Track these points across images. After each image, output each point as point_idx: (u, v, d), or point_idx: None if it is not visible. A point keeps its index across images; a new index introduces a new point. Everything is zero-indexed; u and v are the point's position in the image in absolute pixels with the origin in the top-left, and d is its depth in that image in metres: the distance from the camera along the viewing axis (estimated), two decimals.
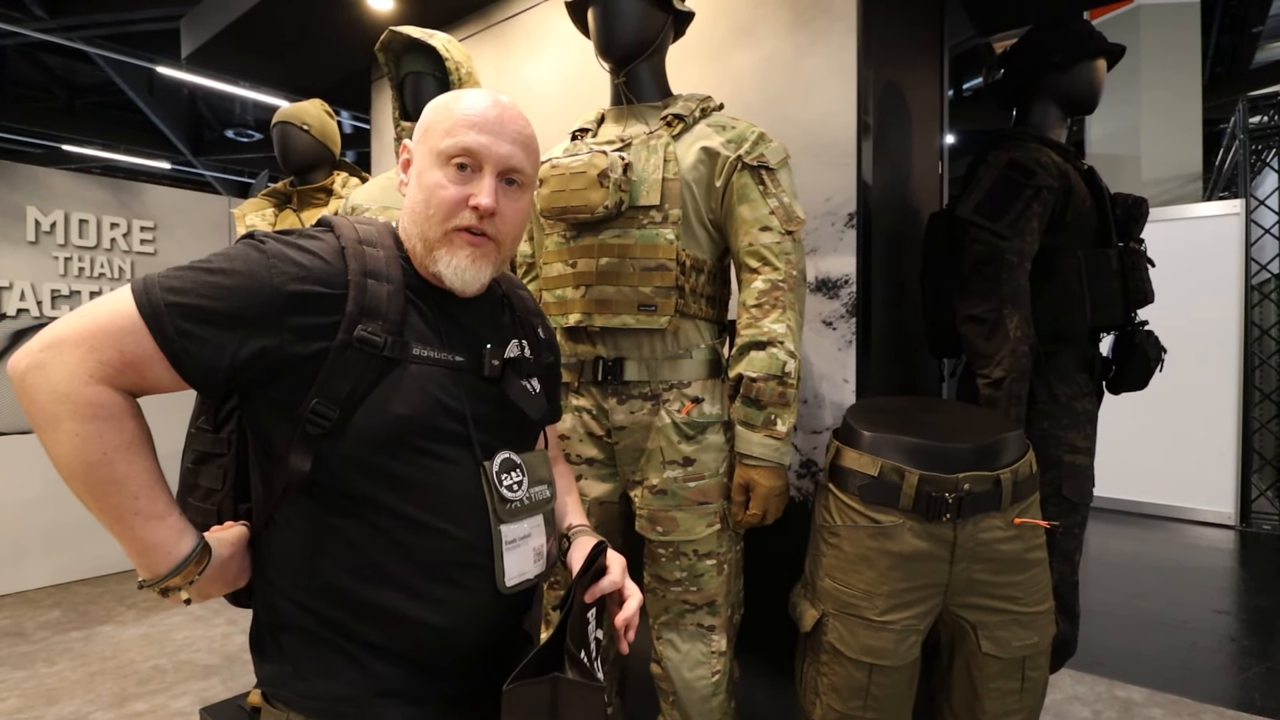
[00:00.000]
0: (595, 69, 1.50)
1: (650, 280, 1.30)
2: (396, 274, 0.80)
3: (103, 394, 0.68)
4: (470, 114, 0.81)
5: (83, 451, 0.67)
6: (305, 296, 0.73)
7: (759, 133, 1.34)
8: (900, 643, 1.17)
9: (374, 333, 0.75)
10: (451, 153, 0.80)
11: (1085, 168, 1.71)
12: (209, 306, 0.70)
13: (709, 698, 1.36)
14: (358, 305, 0.75)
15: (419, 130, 0.85)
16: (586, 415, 1.40)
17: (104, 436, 0.68)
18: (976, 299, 1.53)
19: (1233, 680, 2.54)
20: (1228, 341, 4.61)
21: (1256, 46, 6.73)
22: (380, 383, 0.75)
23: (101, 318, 0.68)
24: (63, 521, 3.56)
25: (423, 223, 0.81)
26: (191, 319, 0.69)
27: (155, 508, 0.71)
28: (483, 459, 0.81)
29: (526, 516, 0.85)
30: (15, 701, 2.36)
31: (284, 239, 0.77)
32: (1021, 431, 1.24)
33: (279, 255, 0.74)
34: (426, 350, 0.79)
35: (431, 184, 0.81)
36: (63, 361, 0.66)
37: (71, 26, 6.23)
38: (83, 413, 0.67)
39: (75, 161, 9.69)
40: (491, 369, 0.84)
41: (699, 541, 1.33)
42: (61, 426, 0.66)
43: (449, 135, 0.81)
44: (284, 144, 2.27)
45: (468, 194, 0.80)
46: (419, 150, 0.84)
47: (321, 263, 0.76)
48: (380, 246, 0.81)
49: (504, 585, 0.80)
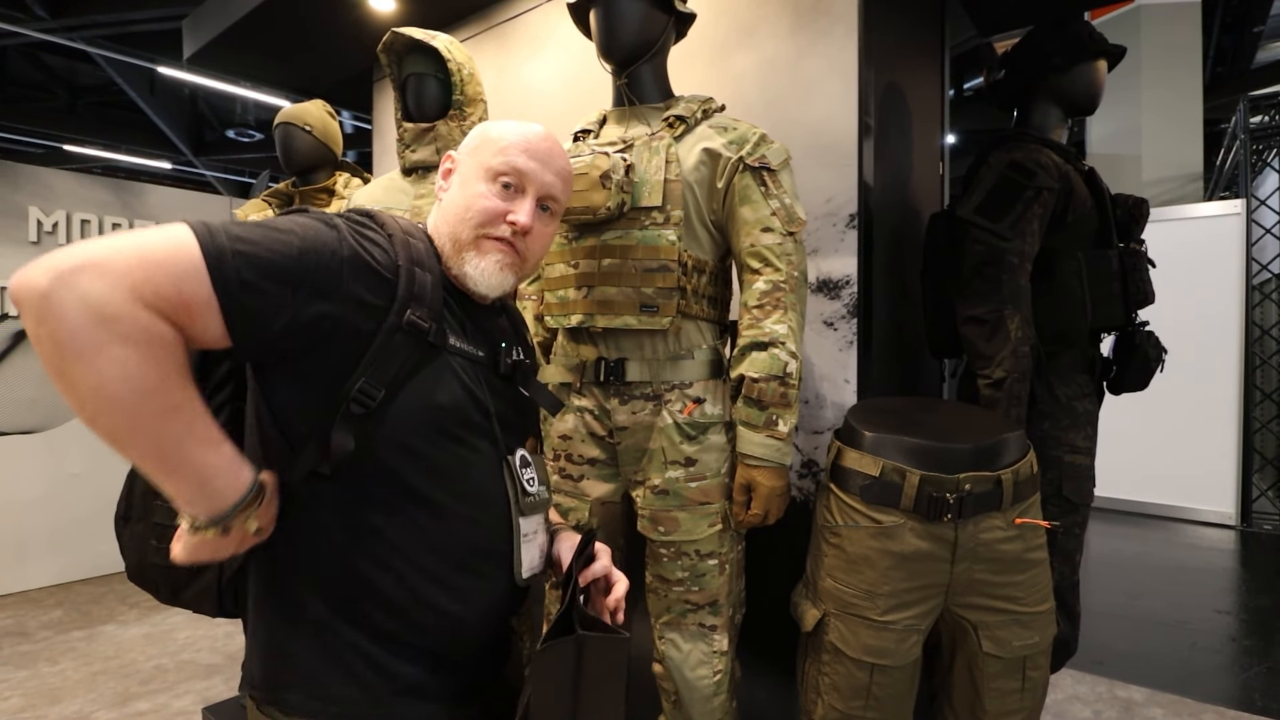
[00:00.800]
0: (597, 70, 1.51)
1: (652, 281, 1.31)
2: (435, 266, 0.83)
3: (157, 321, 0.60)
4: (526, 140, 0.88)
5: (137, 377, 0.58)
6: (369, 272, 0.74)
7: (760, 134, 1.34)
8: (901, 642, 1.17)
9: (422, 318, 0.76)
10: (501, 170, 0.86)
11: (1086, 168, 1.71)
12: (278, 262, 0.67)
13: (710, 697, 1.36)
14: (408, 290, 0.76)
15: (471, 145, 0.90)
16: (588, 416, 1.40)
17: (161, 361, 0.60)
18: (977, 300, 1.53)
19: (1233, 680, 2.54)
20: (1228, 342, 4.61)
21: (1257, 46, 6.73)
22: (421, 369, 0.77)
23: (156, 251, 0.61)
24: (65, 521, 3.57)
25: (457, 224, 0.85)
26: (258, 271, 0.65)
27: (213, 433, 0.66)
28: (506, 453, 0.85)
29: (537, 512, 0.89)
30: (18, 701, 2.36)
31: (345, 218, 0.79)
32: (1022, 432, 1.25)
33: (344, 229, 0.75)
34: (460, 342, 0.82)
35: (475, 193, 0.85)
36: (107, 284, 0.57)
37: (73, 27, 6.23)
38: (136, 336, 0.58)
39: (77, 162, 9.69)
40: (506, 366, 0.88)
41: (701, 541, 1.33)
42: (105, 351, 0.57)
43: (502, 154, 0.86)
44: (286, 144, 2.28)
45: (507, 210, 0.86)
46: (468, 162, 0.88)
47: (379, 246, 0.77)
48: (419, 239, 0.84)
49: (520, 577, 0.84)
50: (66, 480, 3.59)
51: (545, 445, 1.46)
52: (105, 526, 4.00)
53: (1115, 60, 1.73)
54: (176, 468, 0.64)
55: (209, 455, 0.66)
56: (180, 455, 0.64)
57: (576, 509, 1.40)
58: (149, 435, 0.62)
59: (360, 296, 0.73)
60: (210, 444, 0.66)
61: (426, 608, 0.77)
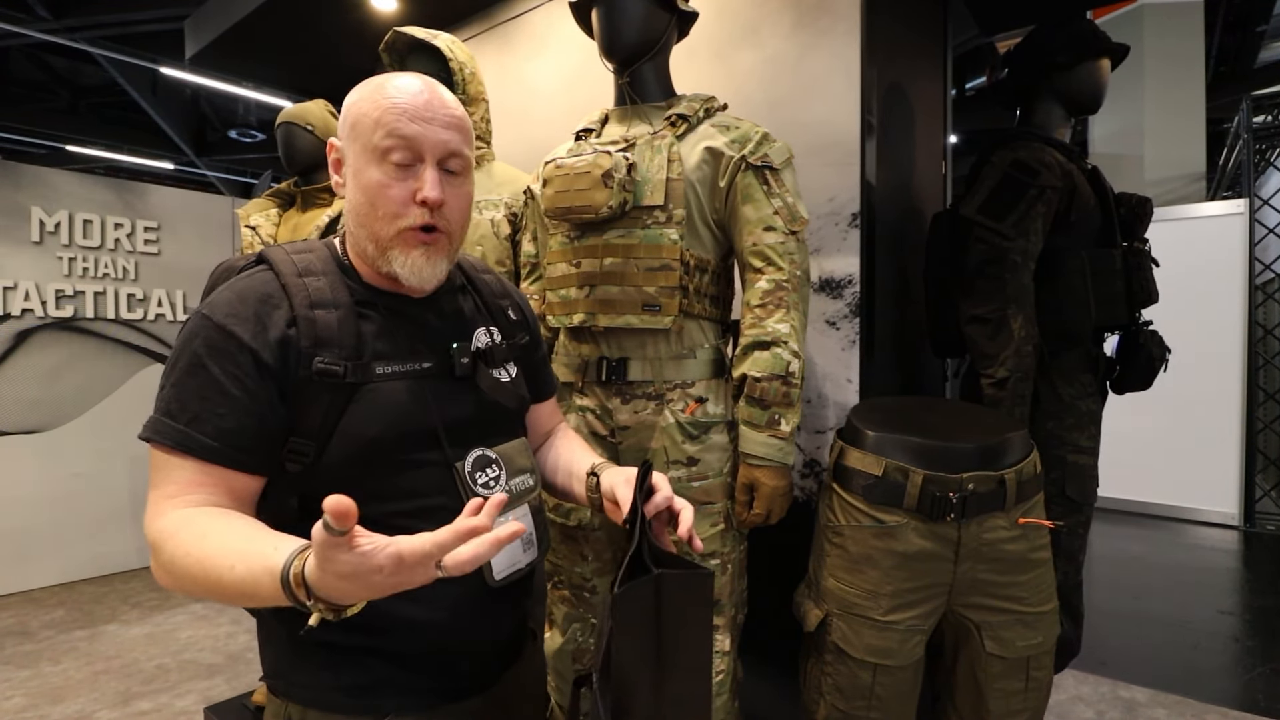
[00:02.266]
0: (599, 69, 1.50)
1: (654, 280, 1.30)
2: (344, 297, 0.78)
3: (167, 521, 0.69)
4: (399, 102, 0.77)
5: (186, 575, 0.67)
6: (274, 342, 0.73)
7: (763, 133, 1.34)
8: (904, 643, 1.17)
9: (332, 362, 0.74)
10: (388, 146, 0.76)
11: (1089, 167, 1.71)
12: (222, 408, 0.71)
13: (713, 697, 1.36)
14: (310, 338, 0.74)
15: (346, 124, 0.80)
16: (590, 415, 1.40)
17: (179, 549, 0.67)
18: (980, 299, 1.52)
19: (1236, 681, 2.53)
20: (1232, 341, 4.60)
21: (1260, 46, 6.70)
22: (349, 409, 0.75)
23: (150, 492, 0.72)
24: (67, 521, 3.57)
25: (371, 224, 0.78)
26: (213, 425, 0.71)
27: (250, 553, 0.65)
28: (454, 461, 0.80)
29: (510, 510, 0.84)
30: (20, 700, 2.37)
31: (226, 293, 0.76)
32: (1025, 431, 1.24)
33: (228, 316, 0.73)
34: (390, 366, 0.78)
35: (373, 184, 0.77)
36: (154, 562, 0.70)
37: (75, 27, 6.24)
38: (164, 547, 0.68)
39: (79, 162, 9.71)
40: (461, 368, 0.83)
41: (703, 541, 1.33)
42: (181, 582, 0.68)
43: (380, 126, 0.76)
44: (288, 144, 2.28)
45: (412, 189, 0.77)
46: (352, 148, 0.79)
47: (266, 306, 0.75)
48: (320, 274, 0.79)
49: (493, 579, 0.82)
50: (69, 480, 3.59)
51: None
52: (107, 526, 4.01)
53: (1118, 59, 1.73)
54: (249, 594, 0.64)
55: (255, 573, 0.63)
56: (250, 586, 0.63)
57: (578, 509, 1.40)
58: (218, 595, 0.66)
59: (277, 368, 0.73)
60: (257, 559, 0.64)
61: (393, 619, 0.76)
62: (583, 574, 1.44)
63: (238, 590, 0.63)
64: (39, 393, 3.51)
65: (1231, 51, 7.01)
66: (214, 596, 0.67)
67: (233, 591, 0.64)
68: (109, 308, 3.71)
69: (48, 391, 3.54)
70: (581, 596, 1.46)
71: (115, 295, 3.73)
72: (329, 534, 0.53)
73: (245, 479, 0.73)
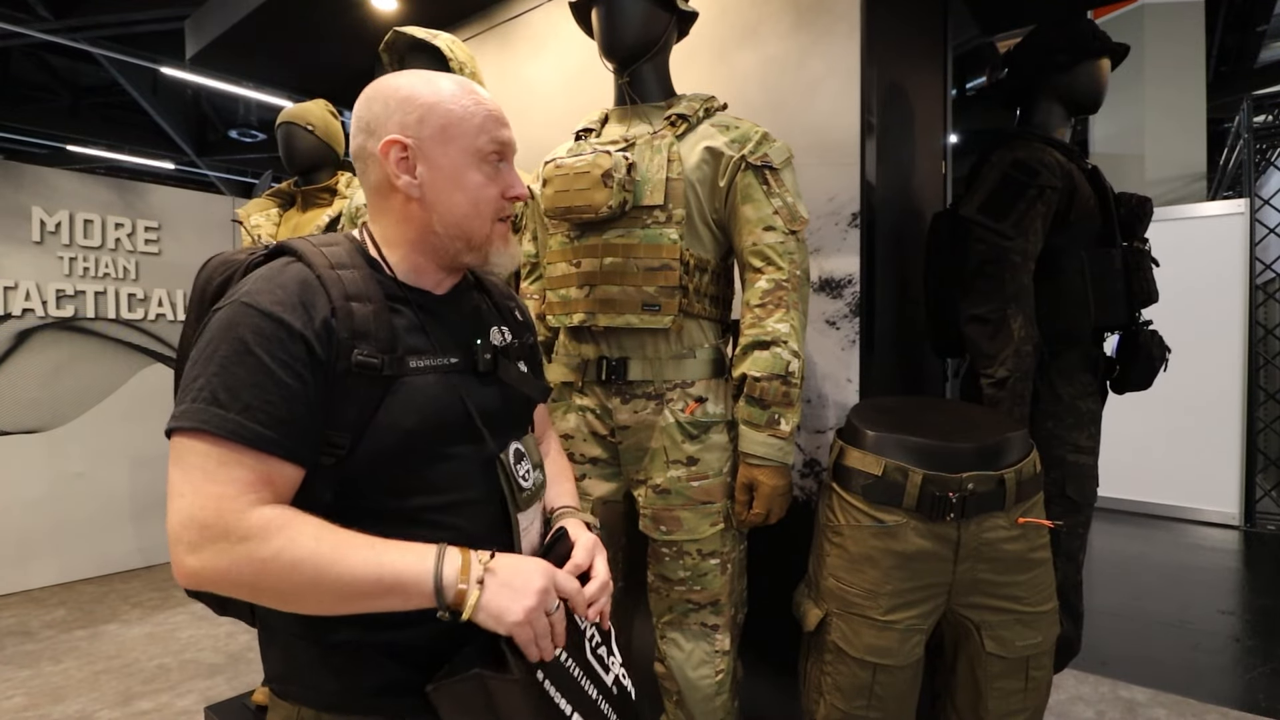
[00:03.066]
0: (599, 69, 1.50)
1: (654, 280, 1.31)
2: (376, 291, 0.78)
3: (263, 513, 0.66)
4: (494, 109, 0.84)
5: (295, 568, 0.65)
6: (321, 331, 0.72)
7: (762, 133, 1.34)
8: (904, 642, 1.17)
9: (370, 355, 0.74)
10: (490, 150, 0.83)
11: (1089, 167, 1.71)
12: (274, 396, 0.69)
13: (712, 697, 1.36)
14: (348, 330, 0.74)
15: (431, 125, 0.80)
16: (590, 415, 1.40)
17: (295, 541, 0.66)
18: (980, 299, 1.52)
19: (1237, 681, 2.53)
20: (1232, 341, 4.60)
21: (1261, 45, 6.70)
22: (385, 402, 0.75)
23: (194, 481, 0.66)
24: (68, 520, 3.58)
25: (470, 223, 0.83)
26: (268, 414, 0.68)
27: (383, 544, 0.69)
28: (498, 451, 0.82)
29: (534, 503, 0.88)
30: (21, 700, 2.37)
31: (262, 283, 0.74)
32: (1025, 431, 1.24)
33: (276, 304, 0.71)
34: (423, 360, 0.79)
35: (475, 185, 0.82)
36: (205, 553, 0.65)
37: (76, 27, 6.24)
38: (258, 548, 0.65)
39: (80, 162, 9.71)
40: (485, 363, 0.85)
41: (703, 541, 1.33)
42: (265, 577, 0.66)
43: (484, 132, 0.82)
44: (288, 144, 2.28)
45: (505, 188, 0.85)
46: (444, 150, 0.80)
47: (308, 294, 0.74)
48: (352, 267, 0.79)
49: None
50: (69, 480, 3.59)
51: None
52: (108, 526, 4.01)
53: (1119, 59, 1.72)
54: (384, 594, 0.67)
55: (398, 564, 0.68)
56: (380, 584, 0.67)
57: None
58: (348, 600, 0.68)
59: (321, 357, 0.72)
60: (396, 553, 0.68)
61: (404, 617, 0.74)
62: None
63: (374, 580, 0.66)
64: (39, 392, 3.51)
65: (1232, 51, 7.01)
66: (328, 589, 0.66)
67: (367, 582, 0.66)
68: (109, 307, 3.72)
69: (48, 391, 3.54)
70: None
71: (116, 295, 3.73)
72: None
73: (293, 471, 0.71)
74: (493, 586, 0.70)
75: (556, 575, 0.75)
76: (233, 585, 0.66)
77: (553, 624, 0.72)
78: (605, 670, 0.83)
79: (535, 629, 0.70)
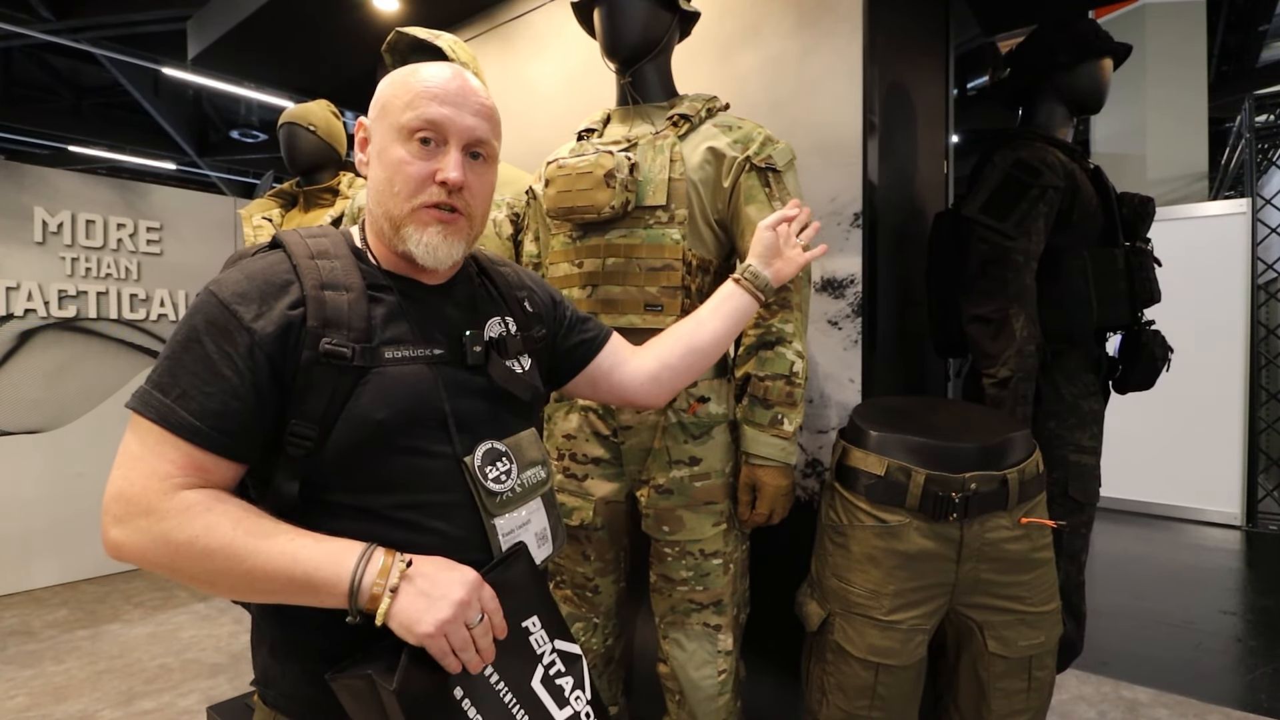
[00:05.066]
0: (601, 69, 1.50)
1: (656, 280, 1.31)
2: (356, 280, 0.77)
3: (185, 497, 0.67)
4: (431, 86, 0.78)
5: (209, 556, 0.66)
6: (275, 325, 0.72)
7: (766, 134, 1.34)
8: (906, 642, 1.17)
9: (340, 344, 0.72)
10: (414, 126, 0.77)
11: (1092, 167, 1.71)
12: (210, 387, 0.69)
13: (715, 697, 1.36)
14: (319, 319, 0.72)
15: (376, 105, 0.82)
16: (593, 415, 1.40)
17: (211, 529, 0.66)
18: (982, 298, 1.52)
19: (1239, 681, 2.53)
20: (1234, 341, 4.59)
21: (1262, 45, 6.70)
22: (355, 392, 0.73)
23: (129, 459, 0.68)
24: (69, 521, 3.58)
25: (388, 201, 0.79)
26: (199, 404, 0.69)
27: (306, 539, 0.69)
28: (462, 455, 0.79)
29: (522, 504, 0.83)
30: (23, 700, 2.37)
31: (235, 272, 0.75)
32: (1028, 431, 1.24)
33: (234, 295, 0.72)
34: (401, 350, 0.77)
35: (395, 160, 0.78)
36: (127, 527, 0.67)
37: (77, 28, 6.24)
38: (177, 531, 0.66)
39: (81, 162, 9.72)
40: (474, 356, 0.82)
41: (705, 541, 1.33)
42: (181, 560, 0.66)
43: (410, 108, 0.78)
44: (290, 145, 2.28)
45: (433, 169, 0.78)
46: (379, 126, 0.81)
47: (273, 286, 0.74)
48: (334, 257, 0.78)
49: None
50: (71, 480, 3.60)
51: (549, 445, 1.45)
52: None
53: (1121, 58, 1.72)
54: (293, 585, 0.67)
55: (310, 557, 0.68)
56: (290, 574, 0.67)
57: (581, 508, 1.40)
58: (257, 585, 0.68)
59: (277, 351, 0.71)
60: (305, 543, 0.68)
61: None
62: (585, 574, 1.45)
63: (285, 578, 0.66)
64: (41, 393, 3.52)
65: (1234, 51, 7.00)
66: (240, 577, 0.66)
67: (279, 578, 0.66)
68: (111, 308, 3.72)
69: (50, 391, 3.54)
70: (584, 596, 1.46)
71: (118, 295, 3.74)
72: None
73: (224, 465, 0.71)
74: (407, 594, 0.67)
75: (484, 589, 0.71)
76: (152, 563, 0.67)
77: (475, 638, 0.68)
78: (560, 704, 0.77)
79: (452, 641, 0.67)
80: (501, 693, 0.72)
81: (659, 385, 1.07)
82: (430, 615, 0.66)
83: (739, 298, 1.13)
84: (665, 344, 1.09)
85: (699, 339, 1.09)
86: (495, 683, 0.72)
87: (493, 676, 0.72)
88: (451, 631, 0.67)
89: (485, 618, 0.70)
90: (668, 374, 1.07)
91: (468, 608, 0.68)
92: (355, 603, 0.66)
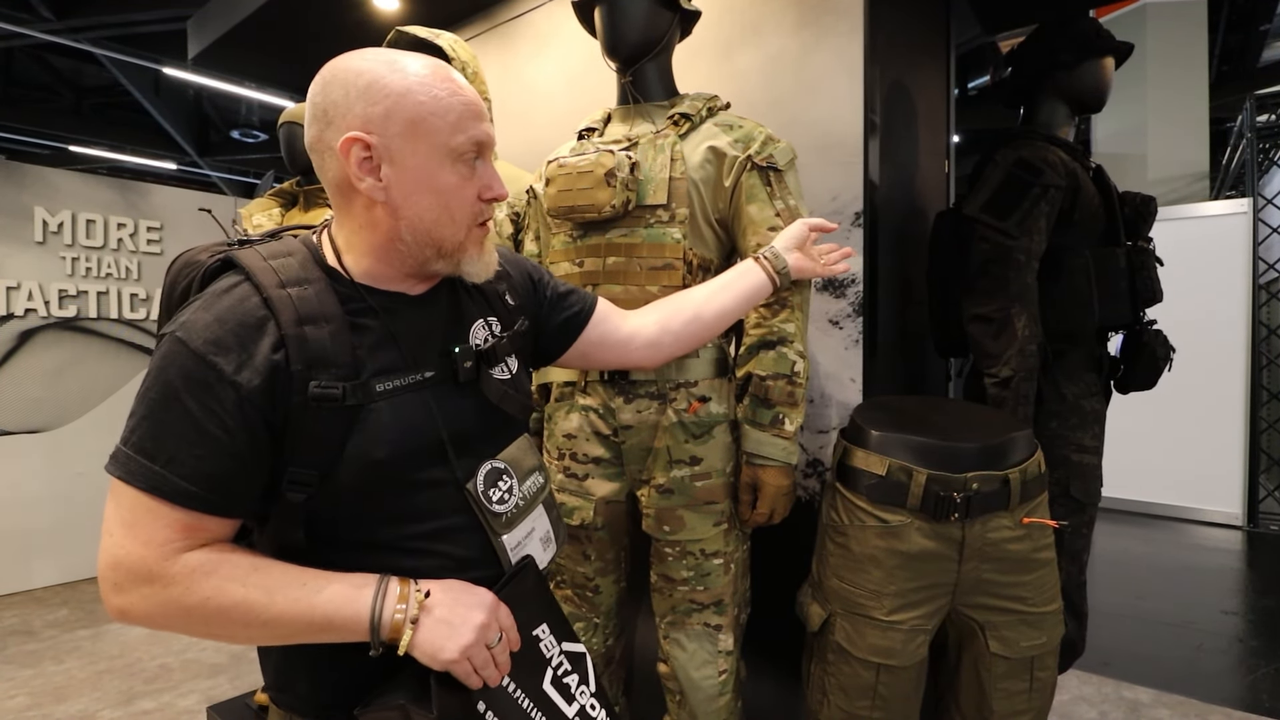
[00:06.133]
0: (601, 68, 1.50)
1: (657, 279, 1.30)
2: (334, 308, 0.71)
3: (187, 561, 0.66)
4: (470, 102, 0.74)
5: (224, 614, 0.66)
6: (260, 376, 0.67)
7: (767, 133, 1.34)
8: (908, 642, 1.17)
9: (328, 385, 0.68)
10: (465, 149, 0.74)
11: (1093, 166, 1.70)
12: (200, 450, 0.66)
13: (715, 697, 1.36)
14: (302, 361, 0.68)
15: (397, 120, 0.71)
16: (593, 414, 1.39)
17: (222, 589, 0.66)
18: (984, 298, 1.52)
19: (1240, 681, 2.52)
20: (1235, 341, 4.59)
21: (1264, 44, 6.69)
22: (352, 432, 0.70)
23: (121, 526, 0.66)
24: (70, 520, 3.58)
25: (444, 228, 0.75)
26: (191, 468, 0.66)
27: (319, 581, 0.68)
28: (464, 480, 0.77)
29: (525, 516, 0.83)
30: (23, 699, 2.37)
31: (202, 313, 0.68)
32: (1029, 431, 1.24)
33: (208, 344, 0.66)
34: (392, 380, 0.73)
35: (449, 186, 0.74)
36: (130, 595, 0.65)
37: (78, 28, 6.25)
38: (187, 594, 0.65)
39: (82, 162, 9.73)
40: (466, 373, 0.79)
41: (706, 541, 1.33)
42: (194, 621, 0.66)
43: (459, 130, 0.73)
44: (290, 144, 2.28)
45: (482, 189, 0.77)
46: (414, 147, 0.71)
47: (247, 328, 0.68)
48: (305, 282, 0.71)
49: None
50: (71, 480, 3.60)
51: (549, 444, 1.45)
52: None
53: (1122, 57, 1.72)
54: (312, 626, 0.67)
55: (326, 604, 0.67)
56: (309, 619, 0.67)
57: (581, 508, 1.40)
58: (277, 632, 0.68)
59: (263, 404, 0.68)
60: (321, 590, 0.68)
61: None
62: (585, 574, 1.44)
63: (305, 623, 0.67)
64: (42, 392, 3.52)
65: (1235, 50, 7.00)
66: (259, 629, 0.67)
67: (299, 624, 0.67)
68: (112, 308, 3.72)
69: (51, 391, 3.55)
70: (584, 596, 1.46)
71: (118, 295, 3.74)
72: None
73: (221, 521, 0.69)
74: (427, 625, 0.68)
75: (500, 609, 0.73)
76: (163, 626, 0.66)
77: (494, 655, 0.71)
78: (568, 700, 0.81)
79: (474, 662, 0.69)
80: (519, 699, 0.75)
81: (657, 350, 1.07)
82: (454, 642, 0.68)
83: (755, 275, 1.14)
84: (671, 308, 1.08)
85: (706, 311, 1.09)
86: (512, 691, 0.75)
87: (510, 685, 0.75)
88: (474, 654, 0.69)
89: (503, 635, 0.72)
90: (669, 339, 1.07)
91: (488, 630, 0.70)
92: (377, 637, 0.67)
